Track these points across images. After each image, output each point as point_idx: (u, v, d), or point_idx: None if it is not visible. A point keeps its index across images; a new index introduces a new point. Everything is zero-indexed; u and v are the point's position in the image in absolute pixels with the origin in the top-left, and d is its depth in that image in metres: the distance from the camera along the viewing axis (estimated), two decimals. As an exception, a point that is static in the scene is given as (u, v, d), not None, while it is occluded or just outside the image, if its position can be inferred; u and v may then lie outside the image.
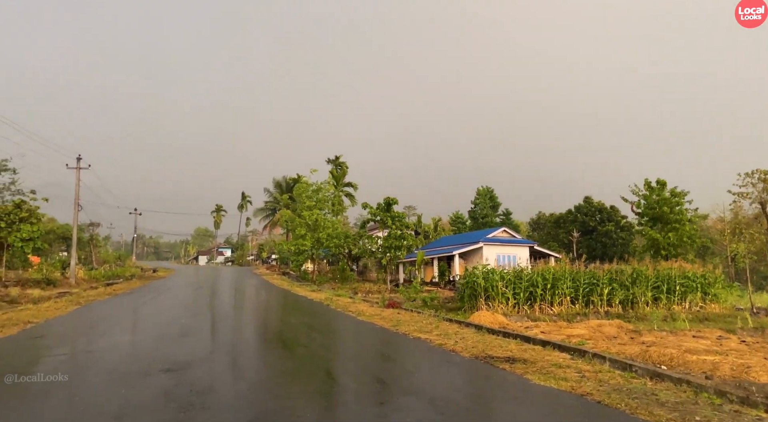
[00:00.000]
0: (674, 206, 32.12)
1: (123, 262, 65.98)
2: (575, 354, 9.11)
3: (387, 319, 14.38)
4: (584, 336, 14.42)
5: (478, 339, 10.55)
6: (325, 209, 41.59)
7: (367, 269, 50.54)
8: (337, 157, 61.92)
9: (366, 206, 32.42)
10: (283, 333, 11.82)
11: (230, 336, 11.25)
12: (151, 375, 6.88)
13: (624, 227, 59.49)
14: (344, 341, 11.09)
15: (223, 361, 8.02)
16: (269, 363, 8.08)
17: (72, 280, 33.26)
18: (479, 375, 7.33)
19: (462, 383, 6.93)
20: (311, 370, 7.53)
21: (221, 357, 8.36)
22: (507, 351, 9.26)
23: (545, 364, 7.96)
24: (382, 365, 8.16)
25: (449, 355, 8.91)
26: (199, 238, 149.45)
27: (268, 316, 16.28)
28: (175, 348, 9.33)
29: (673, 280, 22.76)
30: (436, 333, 11.56)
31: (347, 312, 16.56)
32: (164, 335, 11.09)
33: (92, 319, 14.89)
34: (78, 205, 35.17)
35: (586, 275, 21.47)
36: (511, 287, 20.47)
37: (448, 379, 7.08)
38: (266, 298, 23.75)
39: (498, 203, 65.72)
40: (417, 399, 5.90)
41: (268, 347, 10.01)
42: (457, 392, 6.42)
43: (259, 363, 8.03)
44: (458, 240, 44.79)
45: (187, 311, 16.54)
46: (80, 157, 35.31)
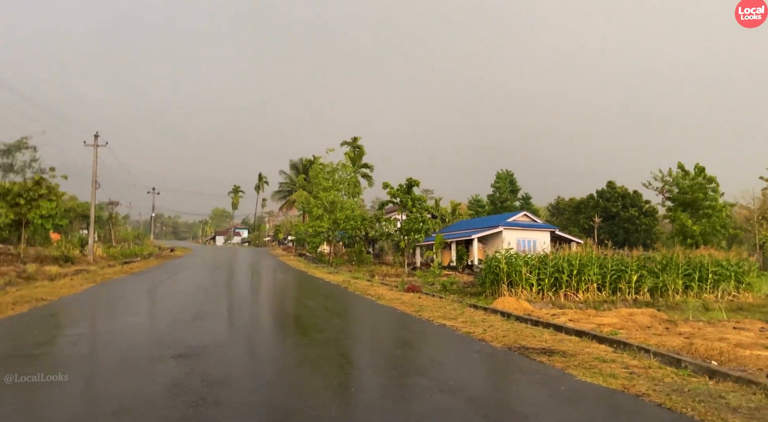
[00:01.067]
0: (708, 192, 30.92)
1: (141, 241, 66.44)
2: (617, 346, 8.41)
3: (408, 304, 13.78)
4: (616, 325, 13.69)
5: (507, 328, 9.89)
6: (342, 191, 40.98)
7: (383, 252, 50.05)
8: (355, 138, 61.05)
9: (387, 186, 31.68)
10: (301, 318, 11.30)
11: (246, 319, 10.75)
12: (160, 362, 6.36)
13: (647, 213, 58.03)
14: (365, 327, 10.53)
15: (238, 348, 7.49)
16: (287, 351, 7.52)
17: (90, 257, 33.28)
18: (516, 368, 6.68)
19: (500, 378, 6.29)
20: (333, 360, 6.95)
21: (236, 343, 7.83)
22: (541, 341, 8.59)
23: (586, 357, 7.28)
24: (408, 355, 7.56)
25: (479, 345, 8.28)
26: (217, 218, 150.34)
27: (285, 299, 15.80)
28: (188, 332, 8.83)
29: (705, 268, 21.82)
30: (462, 319, 10.93)
31: (366, 296, 16.01)
32: (178, 317, 10.62)
33: (105, 298, 14.55)
34: (96, 182, 35.04)
35: (614, 262, 20.64)
36: (535, 272, 19.75)
37: (484, 373, 6.47)
38: (283, 280, 23.34)
39: (518, 187, 64.54)
40: (453, 397, 5.28)
41: (286, 333, 9.48)
42: (497, 390, 5.78)
43: (276, 351, 7.47)
44: (477, 224, 43.99)
45: (202, 292, 16.14)
46: (98, 134, 35.11)
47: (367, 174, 53.04)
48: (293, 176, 68.15)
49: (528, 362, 7.04)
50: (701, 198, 30.58)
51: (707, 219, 30.23)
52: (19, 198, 31.49)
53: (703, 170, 31.53)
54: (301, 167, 67.05)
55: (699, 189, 30.80)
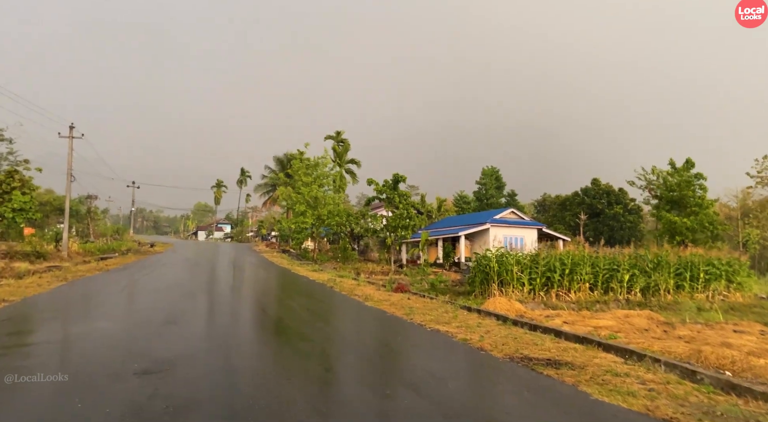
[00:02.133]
0: (696, 189, 30.67)
1: (120, 236, 64.80)
2: (625, 355, 7.80)
3: (397, 305, 13.08)
4: (612, 327, 13.17)
5: (505, 334, 9.25)
6: (326, 186, 40.07)
7: (368, 249, 49.28)
8: (338, 132, 60.05)
9: (371, 182, 30.91)
10: (285, 322, 10.51)
11: (223, 324, 9.91)
12: (120, 381, 5.54)
13: (632, 211, 58.09)
14: (354, 333, 9.77)
15: (213, 361, 6.68)
16: (267, 365, 6.72)
17: (64, 253, 32.01)
18: (524, 385, 6.00)
19: (509, 398, 5.59)
20: (319, 376, 6.20)
21: (210, 355, 7.02)
22: (544, 350, 7.95)
23: (597, 370, 6.65)
24: (403, 368, 6.84)
25: (479, 355, 7.60)
26: (199, 213, 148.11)
27: (268, 300, 14.97)
28: (158, 340, 8.00)
29: (697, 267, 21.50)
30: (456, 324, 10.26)
31: (353, 296, 15.26)
32: (149, 321, 9.76)
33: (73, 299, 13.59)
34: (71, 175, 33.70)
35: (606, 261, 20.18)
36: (527, 272, 19.20)
37: (490, 391, 5.79)
38: (265, 278, 22.47)
39: (503, 183, 64.20)
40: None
41: (267, 341, 8.66)
42: (508, 414, 5.06)
43: (256, 364, 6.68)
44: (464, 221, 43.45)
45: (178, 292, 15.23)
46: (73, 125, 33.74)
47: (352, 170, 52.18)
48: (277, 171, 66.96)
49: (535, 376, 6.38)
50: (689, 195, 30.36)
51: (695, 216, 30.01)
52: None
53: (693, 164, 31.29)
54: (286, 162, 65.88)
55: (687, 186, 30.56)
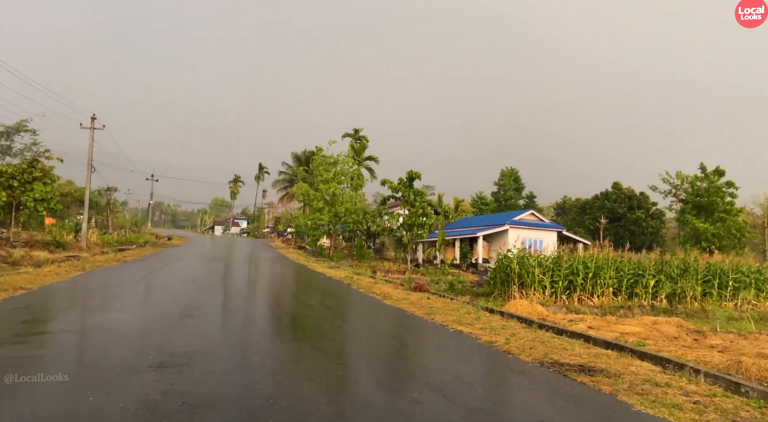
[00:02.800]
0: (725, 196, 29.79)
1: (139, 228, 65.40)
2: (662, 364, 7.38)
3: (417, 305, 12.74)
4: (640, 334, 12.67)
5: (532, 337, 8.85)
6: (344, 183, 39.82)
7: (384, 248, 48.96)
8: (356, 130, 59.87)
9: (385, 182, 30.51)
10: (303, 319, 10.24)
11: (240, 320, 9.66)
12: (135, 374, 5.30)
13: (654, 216, 56.99)
14: (374, 332, 9.46)
15: (230, 356, 6.43)
16: (286, 363, 6.43)
17: (83, 244, 32.24)
18: (558, 393, 5.63)
19: (545, 408, 5.21)
20: (340, 376, 5.89)
21: (227, 351, 6.76)
22: (574, 355, 7.56)
23: (634, 379, 6.25)
24: (430, 371, 6.48)
25: (506, 359, 7.24)
26: (216, 208, 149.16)
27: (285, 296, 14.73)
28: (174, 333, 7.78)
29: (725, 274, 20.76)
30: (479, 326, 9.89)
31: (371, 294, 14.96)
32: (165, 314, 9.56)
33: (90, 289, 13.49)
34: (91, 166, 33.93)
35: (631, 266, 19.59)
36: (548, 274, 18.72)
37: (524, 400, 5.43)
38: (282, 274, 22.28)
39: (522, 185, 63.39)
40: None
41: (285, 338, 8.37)
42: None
43: (275, 362, 6.39)
44: (482, 222, 42.94)
45: (195, 285, 15.08)
46: (94, 116, 33.97)
47: (371, 167, 51.89)
48: (295, 168, 66.98)
49: (569, 384, 6.00)
50: (718, 202, 29.49)
51: (722, 223, 29.14)
52: (12, 180, 30.34)
53: (723, 173, 30.36)
54: (303, 159, 65.89)
55: (716, 192, 29.69)
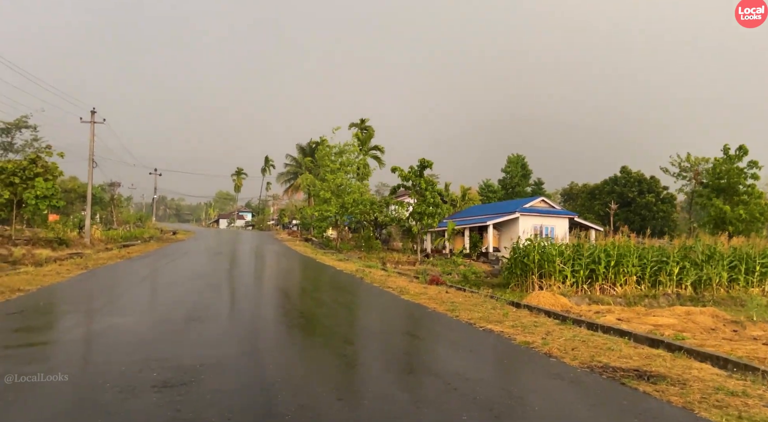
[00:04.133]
0: (746, 178, 28.82)
1: (143, 223, 64.90)
2: (725, 366, 6.62)
3: (437, 300, 12.00)
4: (675, 326, 11.91)
5: (570, 336, 8.11)
6: (350, 173, 39.02)
7: (391, 238, 48.25)
8: (362, 120, 58.93)
9: (396, 169, 29.69)
10: (319, 320, 9.48)
11: (252, 323, 8.88)
12: (135, 397, 4.56)
13: (665, 200, 56.01)
14: (398, 334, 8.68)
15: (244, 369, 5.66)
16: (310, 376, 5.60)
17: (87, 240, 31.64)
18: (623, 408, 4.87)
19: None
20: (379, 395, 5.05)
21: (241, 362, 5.99)
22: (624, 357, 6.80)
23: (703, 387, 5.49)
24: (472, 384, 5.71)
25: (549, 363, 6.48)
26: (220, 201, 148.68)
27: (296, 293, 14.00)
28: (180, 341, 7.04)
29: (752, 259, 19.92)
30: (509, 323, 9.14)
31: (386, 289, 14.22)
32: (170, 318, 8.83)
33: (91, 291, 12.79)
34: (93, 161, 33.24)
35: (654, 252, 18.79)
36: (569, 264, 17.94)
37: (588, 416, 4.68)
38: (292, 268, 21.57)
39: (529, 171, 62.40)
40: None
41: (304, 344, 7.52)
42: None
43: (296, 375, 5.54)
44: (491, 210, 42.11)
45: (202, 283, 14.37)
46: (95, 110, 33.22)
47: (378, 156, 51.03)
48: (300, 159, 66.14)
49: (631, 394, 5.24)
50: (741, 183, 28.55)
51: (744, 206, 28.20)
52: (13, 177, 29.70)
53: (747, 151, 29.32)
54: (308, 150, 65.04)
55: (738, 174, 28.71)
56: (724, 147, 30.90)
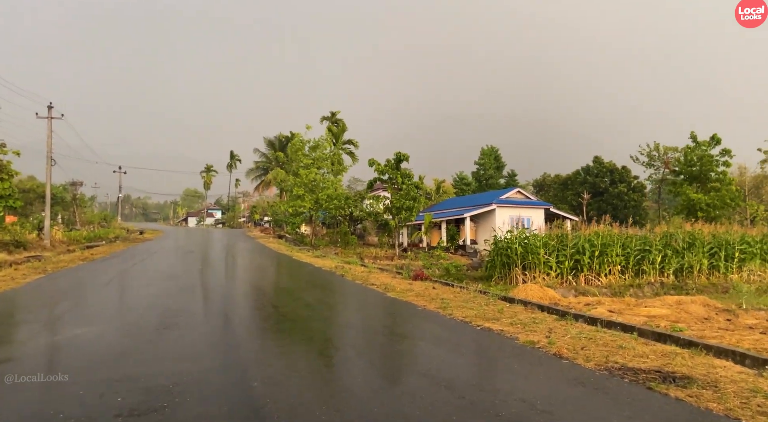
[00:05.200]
0: (717, 165, 29.14)
1: (108, 223, 62.57)
2: (745, 361, 6.20)
3: (425, 297, 11.40)
4: (669, 317, 11.60)
5: (575, 333, 7.60)
6: (324, 168, 38.10)
7: (366, 233, 47.58)
8: (333, 113, 57.93)
9: (373, 162, 29.01)
10: (304, 324, 8.73)
11: (231, 330, 8.06)
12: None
13: (636, 189, 56.81)
14: (392, 338, 7.98)
15: (227, 390, 4.87)
16: (303, 393, 4.91)
17: (47, 242, 29.97)
18: (658, 415, 4.35)
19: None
20: (381, 414, 4.44)
21: (222, 379, 5.19)
22: (640, 356, 6.31)
23: (735, 389, 5.03)
24: (487, 396, 5.10)
25: (563, 366, 5.93)
26: (189, 199, 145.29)
27: (276, 294, 13.18)
28: (150, 355, 6.22)
29: (732, 246, 20.02)
30: (507, 321, 8.59)
31: (370, 286, 13.55)
32: (138, 327, 7.97)
33: (50, 297, 11.73)
34: (51, 159, 31.50)
35: (638, 241, 18.65)
36: (554, 255, 17.62)
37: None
38: (268, 267, 20.68)
39: (503, 163, 62.48)
40: None
41: (290, 354, 6.64)
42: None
43: (285, 397, 4.78)
44: (468, 202, 41.83)
45: (174, 285, 13.44)
46: (51, 105, 31.43)
47: (351, 151, 50.19)
48: (269, 154, 64.64)
49: (663, 401, 4.71)
50: (712, 170, 28.88)
51: (715, 192, 28.51)
52: (-36, 178, 27.92)
53: (719, 140, 29.61)
54: (278, 145, 63.62)
55: (710, 161, 29.02)
56: (691, 134, 31.18)
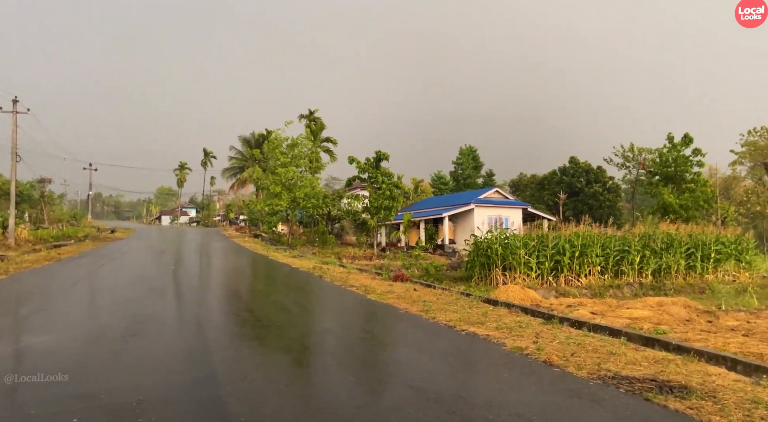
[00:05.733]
0: (692, 166, 29.61)
1: (78, 221, 60.77)
2: (743, 370, 6.04)
3: (407, 299, 11.09)
4: (651, 319, 11.53)
5: (563, 338, 7.38)
6: (302, 167, 37.54)
7: (343, 232, 47.13)
8: (311, 111, 57.41)
9: (353, 160, 28.62)
10: (284, 331, 8.28)
11: (205, 337, 7.59)
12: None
13: (611, 189, 57.59)
14: (380, 345, 7.66)
15: (198, 408, 4.51)
16: (284, 410, 4.59)
17: (11, 241, 28.77)
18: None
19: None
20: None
21: (194, 399, 4.79)
22: (632, 363, 6.11)
23: (735, 399, 4.85)
24: (474, 404, 4.83)
25: (554, 375, 5.68)
26: (162, 197, 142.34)
27: (253, 297, 12.71)
28: (114, 367, 5.74)
29: (707, 246, 20.21)
30: (492, 325, 8.33)
31: (350, 288, 13.18)
32: (102, 334, 7.46)
33: (10, 300, 11.07)
34: (16, 155, 30.28)
35: (617, 241, 18.69)
36: (534, 255, 17.52)
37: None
38: (244, 268, 20.13)
39: (481, 163, 62.67)
40: None
41: (272, 365, 6.26)
42: None
43: (270, 411, 4.52)
44: (446, 202, 41.75)
45: (144, 288, 12.86)
46: (16, 99, 30.20)
47: (330, 149, 49.68)
48: (245, 152, 63.54)
49: (662, 413, 4.49)
50: (687, 171, 29.33)
51: (690, 194, 28.95)
52: None
53: (691, 140, 30.08)
54: (254, 142, 62.57)
55: (684, 162, 29.47)
56: (668, 136, 31.62)
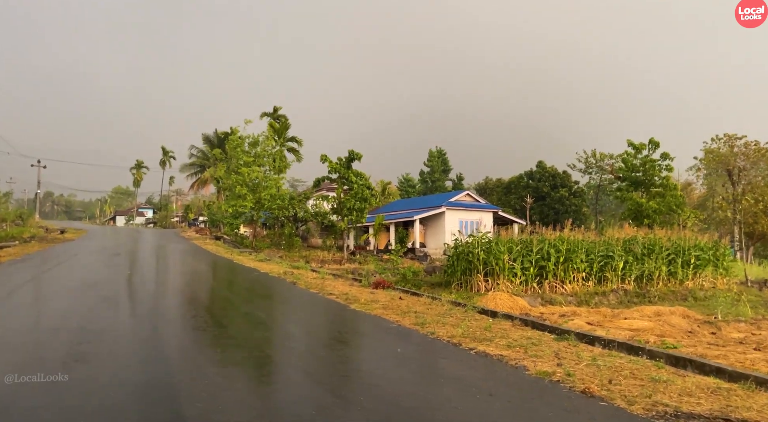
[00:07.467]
0: (661, 170, 29.72)
1: (24, 221, 57.08)
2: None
3: (395, 310, 10.00)
4: (653, 330, 10.78)
5: (589, 358, 6.46)
6: (266, 166, 35.98)
7: (309, 234, 45.67)
8: (275, 109, 55.61)
9: (325, 159, 27.36)
10: (264, 354, 7.00)
11: (167, 361, 6.27)
12: None
13: (576, 194, 58.16)
14: (376, 373, 6.54)
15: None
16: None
17: (-55, 243, 26.20)
18: None
19: None
20: None
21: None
22: (685, 393, 5.20)
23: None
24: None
25: (604, 411, 4.70)
26: (118, 197, 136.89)
27: (222, 308, 11.32)
28: (47, 408, 4.44)
29: (687, 252, 19.91)
30: (502, 342, 7.34)
31: (328, 296, 11.98)
32: (38, 357, 6.04)
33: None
34: (-48, 149, 27.63)
35: (602, 247, 18.13)
36: (519, 261, 16.74)
37: None
38: (208, 273, 18.58)
39: (450, 167, 62.36)
40: None
41: (244, 402, 5.09)
42: None
43: None
44: (416, 204, 40.94)
45: (93, 296, 11.32)
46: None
47: (295, 149, 48.12)
48: (207, 150, 61.12)
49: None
50: (655, 175, 29.44)
51: (661, 198, 28.99)
52: None
53: (658, 144, 30.19)
54: (216, 141, 60.26)
55: (652, 166, 29.57)
56: (628, 141, 31.70)
